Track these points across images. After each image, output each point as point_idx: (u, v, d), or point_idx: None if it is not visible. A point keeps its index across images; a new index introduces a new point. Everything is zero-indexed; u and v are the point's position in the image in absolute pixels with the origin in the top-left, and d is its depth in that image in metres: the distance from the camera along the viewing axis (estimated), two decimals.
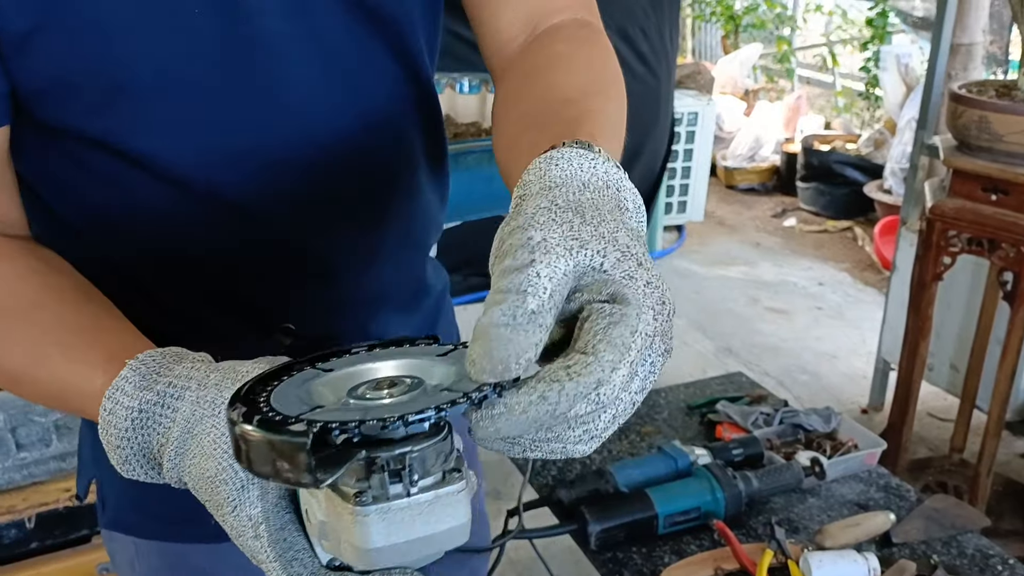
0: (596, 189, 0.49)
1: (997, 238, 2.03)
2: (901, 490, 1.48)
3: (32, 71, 0.60)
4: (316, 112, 0.70)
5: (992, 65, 4.69)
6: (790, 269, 4.38)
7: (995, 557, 1.31)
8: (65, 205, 0.71)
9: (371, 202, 0.76)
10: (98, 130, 0.64)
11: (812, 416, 1.62)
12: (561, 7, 0.74)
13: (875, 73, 5.12)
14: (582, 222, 0.45)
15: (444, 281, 0.95)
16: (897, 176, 4.41)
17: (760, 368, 3.37)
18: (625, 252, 0.45)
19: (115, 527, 0.84)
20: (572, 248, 0.43)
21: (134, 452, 0.53)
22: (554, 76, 0.67)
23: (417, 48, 0.75)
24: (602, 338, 0.42)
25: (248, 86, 0.66)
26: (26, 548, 1.61)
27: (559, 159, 0.49)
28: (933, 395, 2.87)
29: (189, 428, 0.51)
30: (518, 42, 0.74)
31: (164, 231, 0.71)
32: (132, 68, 0.61)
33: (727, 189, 5.50)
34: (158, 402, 0.52)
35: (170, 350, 0.56)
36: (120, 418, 0.52)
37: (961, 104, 2.05)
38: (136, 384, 0.52)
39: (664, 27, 4.10)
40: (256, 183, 0.69)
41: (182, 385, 0.52)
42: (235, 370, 0.52)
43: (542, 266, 0.42)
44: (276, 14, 0.65)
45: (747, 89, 6.18)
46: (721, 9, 6.52)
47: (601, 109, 0.63)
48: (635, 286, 0.44)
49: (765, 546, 1.23)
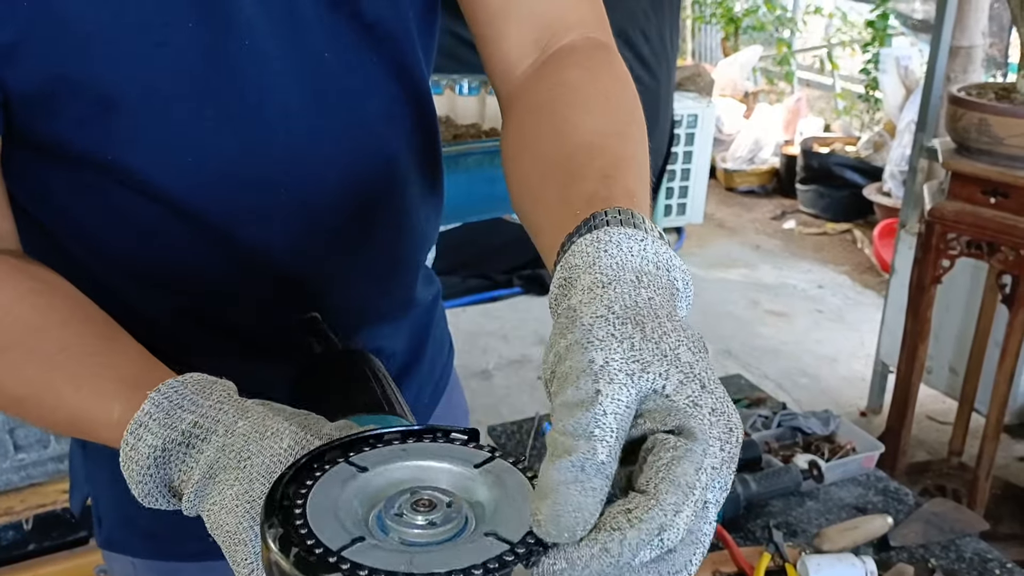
0: (650, 278, 0.46)
1: (996, 241, 2.03)
2: (899, 493, 1.48)
3: (19, 81, 0.59)
4: (303, 132, 0.68)
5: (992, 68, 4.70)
6: (789, 272, 4.38)
7: (993, 561, 1.31)
8: (52, 220, 0.70)
9: (359, 223, 0.75)
10: (85, 143, 0.63)
11: (810, 419, 1.62)
12: (572, 24, 0.71)
13: (875, 76, 5.12)
14: (643, 338, 0.43)
15: (435, 290, 0.93)
16: (897, 179, 4.41)
17: (759, 371, 3.37)
18: (688, 374, 0.42)
19: (111, 547, 0.83)
20: (634, 373, 0.41)
21: (156, 486, 0.52)
22: (572, 113, 0.63)
23: (415, 62, 0.74)
24: (665, 476, 0.40)
25: (232, 104, 0.64)
26: (24, 550, 1.61)
27: (607, 244, 0.47)
28: (932, 398, 2.87)
29: (212, 474, 0.50)
30: (527, 63, 0.70)
31: (148, 248, 0.70)
32: (119, 81, 0.60)
33: (727, 191, 5.50)
34: (183, 442, 0.51)
35: (190, 379, 0.53)
36: (143, 455, 0.51)
37: (961, 107, 2.05)
38: (160, 421, 0.51)
39: (664, 29, 4.11)
40: (239, 202, 0.68)
41: (209, 427, 0.50)
42: (264, 425, 0.50)
43: (607, 401, 0.40)
44: (266, 31, 0.63)
45: (747, 91, 6.18)
46: (721, 11, 6.52)
47: (630, 156, 0.60)
48: (700, 415, 0.41)
49: (763, 549, 1.23)
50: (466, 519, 0.43)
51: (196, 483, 0.50)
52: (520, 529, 0.42)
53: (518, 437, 1.66)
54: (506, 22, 0.70)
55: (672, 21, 4.21)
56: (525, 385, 3.28)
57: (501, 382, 3.30)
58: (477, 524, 0.43)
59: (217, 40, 0.62)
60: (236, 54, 0.63)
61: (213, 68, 0.62)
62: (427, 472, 0.46)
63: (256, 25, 0.63)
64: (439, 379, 0.95)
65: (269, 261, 0.72)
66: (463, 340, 3.54)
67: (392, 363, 0.85)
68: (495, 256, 3.84)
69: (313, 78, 0.67)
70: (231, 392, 0.54)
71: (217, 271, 0.71)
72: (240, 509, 0.47)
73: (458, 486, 0.46)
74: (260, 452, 0.49)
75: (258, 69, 0.64)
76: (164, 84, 0.61)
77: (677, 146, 4.58)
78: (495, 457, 0.46)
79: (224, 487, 0.49)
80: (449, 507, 0.43)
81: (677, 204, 4.73)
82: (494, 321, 3.75)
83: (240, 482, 0.48)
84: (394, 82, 0.72)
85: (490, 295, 3.92)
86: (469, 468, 0.46)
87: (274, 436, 0.49)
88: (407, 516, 0.43)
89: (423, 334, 0.91)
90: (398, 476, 0.46)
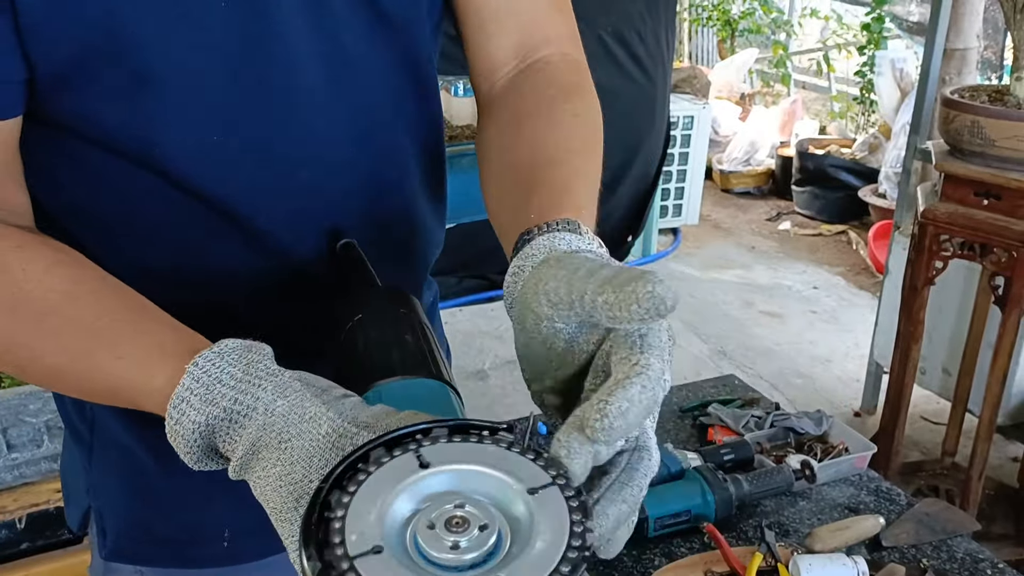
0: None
1: (989, 242, 2.04)
2: (892, 494, 1.48)
3: (48, 58, 0.59)
4: (321, 114, 0.70)
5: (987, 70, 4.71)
6: (784, 272, 4.39)
7: (985, 561, 1.31)
8: (65, 214, 0.70)
9: (372, 213, 0.76)
10: (112, 119, 0.63)
11: (803, 419, 1.63)
12: (550, 38, 0.77)
13: (870, 78, 5.14)
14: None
15: (433, 294, 0.94)
16: (892, 180, 4.42)
17: (754, 371, 3.38)
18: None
19: (118, 558, 0.81)
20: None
21: (204, 454, 0.53)
22: (542, 128, 0.70)
23: (426, 56, 0.76)
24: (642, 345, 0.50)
25: (260, 83, 0.66)
26: (17, 549, 1.61)
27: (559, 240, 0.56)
28: (926, 399, 2.88)
29: (255, 451, 0.51)
30: (507, 68, 0.76)
31: (162, 239, 0.70)
32: (152, 58, 0.61)
33: (722, 193, 5.51)
34: (225, 418, 0.52)
35: (227, 347, 0.54)
36: (188, 430, 0.52)
37: (953, 109, 2.06)
38: (202, 397, 0.52)
39: (660, 31, 4.11)
40: (257, 182, 0.69)
41: (250, 405, 0.52)
42: (302, 407, 0.51)
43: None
44: (294, 12, 0.65)
45: (743, 93, 6.19)
46: (718, 14, 6.53)
47: (585, 172, 0.68)
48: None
49: (755, 549, 1.23)
50: (493, 548, 0.43)
51: (241, 457, 0.51)
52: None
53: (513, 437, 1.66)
54: (494, 27, 0.76)
55: (668, 23, 4.22)
56: (520, 385, 3.25)
57: (497, 382, 3.31)
58: (499, 555, 0.43)
59: (248, 20, 0.63)
60: (265, 35, 0.64)
61: (244, 48, 0.64)
62: (482, 483, 0.46)
63: (285, 7, 0.65)
64: None
65: (283, 246, 0.73)
66: (459, 340, 3.54)
67: None
68: (491, 257, 3.84)
69: (334, 61, 0.69)
70: (270, 361, 0.54)
71: (232, 257, 0.72)
72: (284, 490, 0.49)
73: (505, 503, 0.45)
74: (299, 435, 0.50)
75: (286, 49, 0.66)
76: (196, 62, 0.63)
77: (673, 148, 4.58)
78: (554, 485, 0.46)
79: (267, 465, 0.50)
80: (482, 531, 0.43)
81: (673, 205, 4.74)
82: (490, 321, 3.75)
83: (281, 463, 0.50)
84: (405, 74, 0.74)
85: (486, 295, 3.93)
86: (523, 491, 0.45)
87: (312, 421, 0.50)
88: (439, 530, 0.43)
89: None
90: (451, 481, 0.45)
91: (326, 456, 0.49)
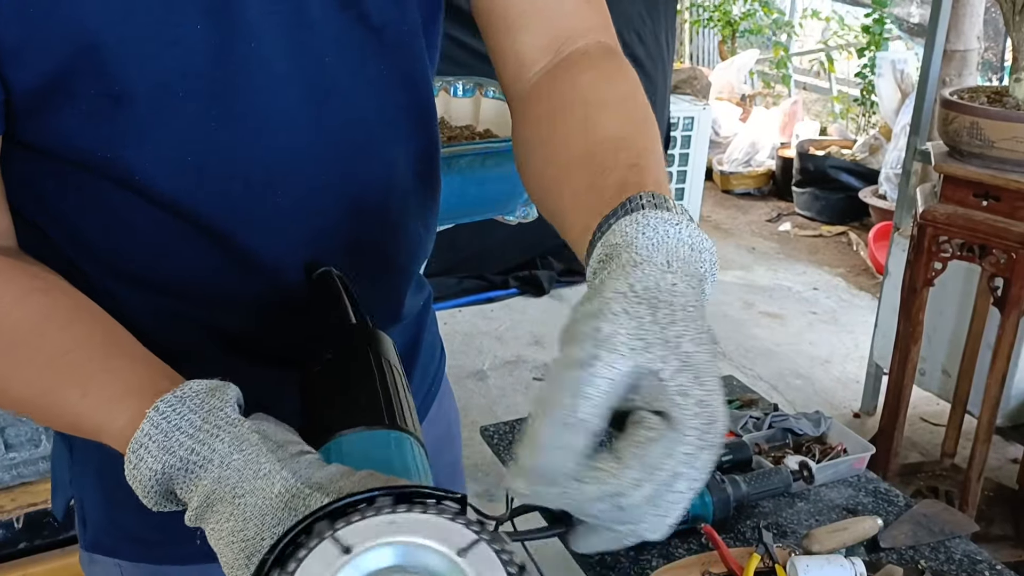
0: (680, 263, 0.51)
1: (988, 244, 2.04)
2: (890, 495, 1.48)
3: (25, 79, 0.59)
4: (302, 135, 0.68)
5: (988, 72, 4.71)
6: (785, 274, 4.39)
7: (983, 562, 1.31)
8: (47, 223, 0.70)
9: (355, 228, 0.75)
10: (88, 139, 0.63)
11: (802, 420, 1.62)
12: (584, 30, 0.74)
13: (871, 79, 5.14)
14: (652, 320, 0.46)
15: (426, 295, 0.93)
16: (892, 182, 4.42)
17: (753, 372, 3.38)
18: (685, 362, 0.46)
19: (97, 549, 0.82)
20: (635, 348, 0.45)
21: (162, 498, 0.54)
22: (592, 111, 0.66)
23: (422, 71, 0.74)
24: (635, 452, 0.44)
25: (237, 104, 0.65)
26: (14, 548, 1.61)
27: (645, 226, 0.51)
28: (925, 400, 2.88)
29: (209, 503, 0.51)
30: (540, 66, 0.73)
31: (144, 251, 0.70)
32: (128, 78, 0.60)
33: (723, 194, 5.51)
34: (181, 467, 0.52)
35: (189, 391, 0.54)
36: (145, 476, 0.53)
37: (952, 110, 2.06)
38: (160, 444, 0.52)
39: (660, 32, 4.12)
40: (237, 202, 0.68)
41: (206, 456, 0.52)
42: (257, 463, 0.51)
43: (602, 367, 0.44)
44: (273, 33, 0.64)
45: (743, 94, 6.20)
46: (719, 15, 6.53)
47: (652, 149, 0.63)
48: (686, 404, 0.45)
49: (753, 550, 1.23)
50: None
51: (196, 508, 0.52)
52: None
53: (511, 438, 1.66)
54: (521, 27, 0.73)
55: (668, 24, 4.22)
56: (520, 386, 3.28)
57: (496, 383, 3.30)
58: None
59: (225, 41, 0.62)
60: (243, 55, 0.63)
61: (220, 69, 0.63)
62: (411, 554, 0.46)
63: (263, 27, 0.63)
64: (430, 386, 0.95)
65: (264, 263, 0.72)
66: (459, 341, 3.54)
67: None
68: (491, 257, 3.84)
69: (314, 81, 0.67)
70: (230, 408, 0.54)
71: (213, 273, 0.71)
72: (236, 546, 0.50)
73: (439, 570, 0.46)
74: (253, 492, 0.50)
75: (264, 71, 0.64)
76: (173, 82, 0.62)
77: (673, 149, 4.58)
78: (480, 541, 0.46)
79: (221, 519, 0.51)
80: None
81: None
82: (490, 322, 3.75)
83: (235, 518, 0.50)
84: (398, 90, 0.73)
85: (485, 296, 3.93)
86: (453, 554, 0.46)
87: (266, 478, 0.51)
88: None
89: (414, 342, 0.90)
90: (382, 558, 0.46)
91: (279, 515, 0.49)
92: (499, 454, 1.62)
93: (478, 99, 2.23)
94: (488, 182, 1.94)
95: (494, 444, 1.65)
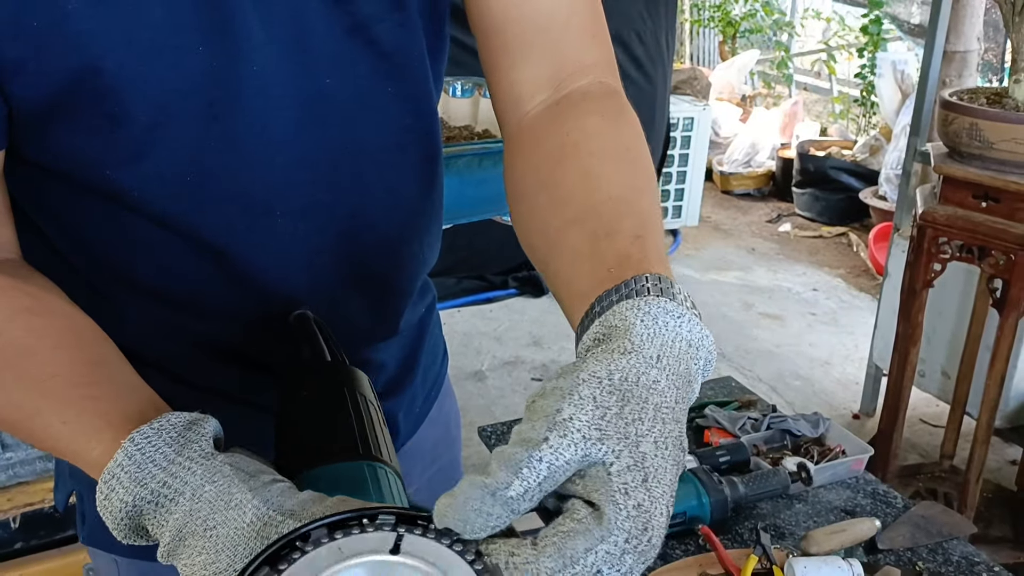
0: (671, 361, 0.48)
1: (987, 245, 2.03)
2: (888, 496, 1.48)
3: (26, 96, 0.59)
4: (303, 158, 0.68)
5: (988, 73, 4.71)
6: (784, 274, 4.39)
7: (981, 564, 1.31)
8: (50, 227, 0.70)
9: (356, 251, 0.75)
10: (86, 157, 0.63)
11: (800, 422, 1.62)
12: (586, 67, 0.70)
13: (871, 80, 5.14)
14: (617, 413, 0.45)
15: (430, 299, 0.93)
16: (892, 182, 4.42)
17: (753, 373, 3.37)
18: (638, 463, 0.44)
19: (94, 543, 0.83)
20: (589, 439, 0.44)
21: (131, 531, 0.54)
22: (596, 163, 0.63)
23: (427, 92, 0.74)
24: (555, 542, 0.42)
25: (236, 126, 0.64)
26: (11, 548, 1.61)
27: (646, 315, 0.49)
28: (925, 401, 2.88)
29: (181, 537, 0.51)
30: (538, 99, 0.69)
31: (145, 261, 0.70)
32: (129, 100, 0.60)
33: (723, 194, 5.51)
34: (152, 500, 0.52)
35: (167, 424, 0.54)
36: (116, 507, 0.53)
37: (952, 111, 2.06)
38: (131, 475, 0.52)
39: (660, 32, 4.11)
40: (235, 222, 0.68)
41: (178, 488, 0.52)
42: (229, 494, 0.51)
43: (548, 450, 0.43)
44: (274, 56, 0.64)
45: (744, 95, 6.20)
46: (719, 15, 6.53)
47: (654, 213, 0.61)
48: (623, 503, 0.43)
49: (750, 552, 1.23)
50: None
51: (167, 543, 0.52)
52: None
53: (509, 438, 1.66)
54: (521, 54, 0.69)
55: (668, 24, 4.22)
56: (518, 386, 3.28)
57: (495, 383, 3.30)
58: None
59: (225, 64, 0.62)
60: (244, 78, 0.63)
61: (221, 91, 0.63)
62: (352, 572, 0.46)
63: (264, 50, 0.63)
64: (431, 387, 0.95)
65: (263, 282, 0.72)
66: (457, 341, 3.54)
67: (383, 375, 0.85)
68: (490, 258, 3.84)
69: (313, 104, 0.67)
70: (205, 442, 0.54)
71: (211, 289, 0.72)
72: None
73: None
74: (224, 523, 0.50)
75: (262, 93, 0.64)
76: (172, 104, 0.62)
77: (673, 149, 4.58)
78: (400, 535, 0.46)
79: (193, 552, 0.51)
80: None
81: (673, 207, 4.74)
82: (488, 322, 3.75)
83: (207, 551, 0.50)
84: (402, 113, 0.72)
85: (484, 296, 3.93)
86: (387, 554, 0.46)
87: (238, 508, 0.50)
88: None
89: (416, 345, 0.90)
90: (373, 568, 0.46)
91: (251, 545, 0.49)
92: None
93: (477, 99, 2.23)
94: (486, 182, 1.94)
95: (492, 444, 1.65)
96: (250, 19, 0.61)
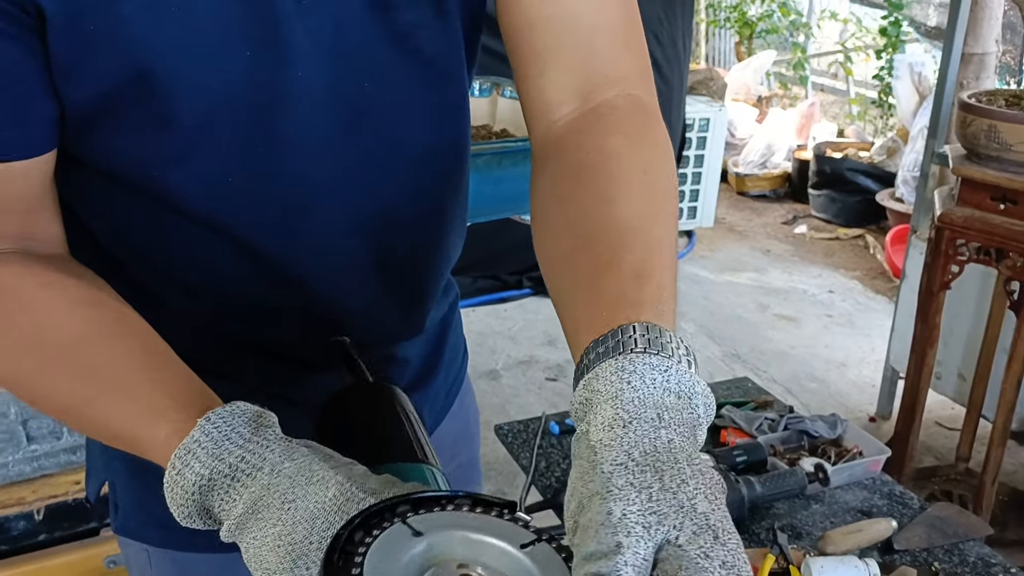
0: (672, 414, 0.48)
1: (1005, 247, 2.03)
2: (905, 498, 1.48)
3: (76, 97, 0.61)
4: (342, 162, 0.69)
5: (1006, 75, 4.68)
6: (800, 276, 4.38)
7: (997, 565, 1.31)
8: (95, 223, 0.72)
9: (385, 252, 0.76)
10: (131, 158, 0.64)
11: (817, 422, 1.63)
12: (616, 79, 0.69)
13: (888, 81, 5.11)
14: (661, 488, 0.44)
15: (453, 296, 0.95)
16: (909, 184, 4.40)
17: (768, 375, 3.37)
18: (702, 525, 0.44)
19: (126, 533, 0.84)
20: (651, 525, 0.43)
21: (196, 511, 0.54)
22: (610, 186, 0.62)
23: (465, 101, 0.75)
24: None
25: (280, 131, 0.66)
26: (34, 540, 1.63)
27: (631, 375, 0.48)
28: (941, 404, 2.87)
29: (255, 510, 0.52)
30: (567, 109, 0.69)
31: (187, 260, 0.72)
32: (177, 103, 0.62)
33: (738, 195, 5.50)
34: (229, 474, 0.53)
35: (238, 409, 0.56)
36: (189, 481, 0.53)
37: (970, 113, 2.05)
38: (209, 451, 0.53)
39: (677, 33, 4.11)
40: (275, 224, 0.70)
41: (256, 464, 0.53)
42: (310, 470, 0.52)
43: (629, 553, 0.42)
44: (317, 62, 0.65)
45: (760, 96, 6.17)
46: (736, 15, 6.52)
47: (663, 240, 0.60)
48: (709, 567, 0.42)
49: (767, 551, 1.23)
50: None
51: (238, 516, 0.52)
52: None
53: (524, 437, 1.67)
54: (550, 63, 0.69)
55: (685, 24, 4.21)
56: (532, 385, 3.29)
57: (509, 382, 3.31)
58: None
59: (270, 70, 0.63)
60: (288, 84, 0.64)
61: (266, 96, 0.64)
62: (477, 547, 0.47)
63: (309, 58, 0.64)
64: (453, 383, 0.97)
65: (299, 282, 0.74)
66: (472, 340, 3.53)
67: (408, 371, 0.87)
68: (505, 257, 3.85)
69: (356, 110, 0.68)
70: (276, 428, 0.56)
71: (250, 287, 0.73)
72: (281, 550, 0.49)
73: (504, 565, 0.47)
74: (304, 497, 0.51)
75: (307, 100, 0.65)
76: (218, 108, 0.63)
77: (689, 150, 4.58)
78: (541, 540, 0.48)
79: (266, 525, 0.51)
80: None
81: (688, 208, 4.73)
82: (503, 322, 3.76)
83: (283, 523, 0.50)
84: (443, 119, 0.74)
85: (499, 296, 3.93)
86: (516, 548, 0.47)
87: (320, 483, 0.51)
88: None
89: (439, 342, 0.92)
90: (451, 546, 0.47)
91: (331, 519, 0.50)
92: (512, 452, 1.63)
93: (495, 99, 2.24)
94: (504, 181, 1.94)
95: (507, 443, 1.66)
96: (296, 27, 0.63)
